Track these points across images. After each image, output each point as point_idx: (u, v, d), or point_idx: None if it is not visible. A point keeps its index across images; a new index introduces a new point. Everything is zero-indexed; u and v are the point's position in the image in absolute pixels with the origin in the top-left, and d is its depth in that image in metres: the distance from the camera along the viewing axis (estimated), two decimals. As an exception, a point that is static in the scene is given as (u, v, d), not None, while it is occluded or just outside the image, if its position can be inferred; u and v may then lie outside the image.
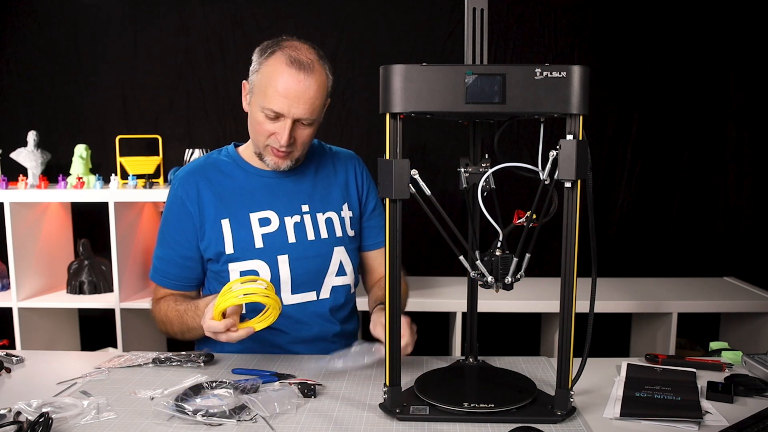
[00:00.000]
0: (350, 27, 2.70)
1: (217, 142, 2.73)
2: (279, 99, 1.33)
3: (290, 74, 1.33)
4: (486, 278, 1.10)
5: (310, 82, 1.34)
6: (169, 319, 1.46)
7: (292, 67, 1.33)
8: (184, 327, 1.43)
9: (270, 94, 1.34)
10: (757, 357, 1.30)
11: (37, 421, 0.98)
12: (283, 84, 1.33)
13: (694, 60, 2.68)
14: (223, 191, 1.47)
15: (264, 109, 1.36)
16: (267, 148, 1.43)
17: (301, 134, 1.40)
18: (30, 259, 2.46)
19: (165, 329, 1.50)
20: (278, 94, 1.33)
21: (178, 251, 1.48)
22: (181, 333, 1.46)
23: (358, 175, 1.60)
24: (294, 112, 1.35)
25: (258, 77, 1.38)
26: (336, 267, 1.51)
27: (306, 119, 1.37)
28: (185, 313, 1.41)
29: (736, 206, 2.74)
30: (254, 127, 1.42)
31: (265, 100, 1.35)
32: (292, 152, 1.43)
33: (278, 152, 1.41)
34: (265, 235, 1.46)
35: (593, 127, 2.65)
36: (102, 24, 2.74)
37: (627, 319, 2.63)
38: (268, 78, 1.35)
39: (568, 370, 1.05)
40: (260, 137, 1.41)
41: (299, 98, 1.34)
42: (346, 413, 1.10)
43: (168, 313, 1.46)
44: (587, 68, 0.99)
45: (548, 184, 1.02)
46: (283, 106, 1.34)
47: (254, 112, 1.40)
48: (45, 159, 2.62)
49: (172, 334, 1.50)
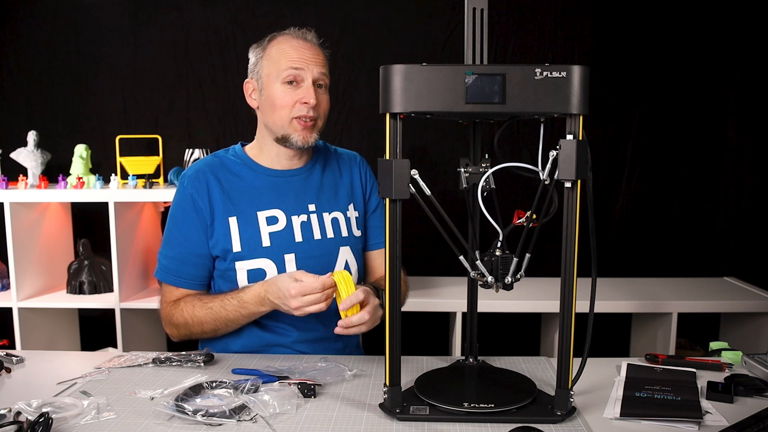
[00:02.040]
0: (350, 27, 2.70)
1: (217, 142, 2.74)
2: (296, 60, 1.42)
3: (298, 42, 1.44)
4: (486, 278, 1.10)
5: (317, 50, 1.46)
6: (197, 320, 1.43)
7: (298, 38, 1.45)
8: (220, 323, 1.42)
9: (284, 62, 1.42)
10: (757, 357, 1.30)
11: (37, 421, 0.98)
12: (295, 50, 1.42)
13: (694, 60, 2.68)
14: (232, 189, 1.47)
15: (283, 76, 1.41)
16: (293, 123, 1.44)
17: (321, 99, 1.45)
18: (30, 259, 2.46)
19: (189, 331, 1.46)
20: (293, 59, 1.42)
21: (191, 249, 1.46)
22: (214, 330, 1.44)
23: (362, 176, 1.61)
24: (313, 70, 1.42)
25: (265, 60, 1.45)
26: (341, 266, 1.52)
27: (322, 79, 1.44)
28: (222, 308, 1.40)
29: (736, 206, 2.74)
30: (275, 103, 1.43)
31: (281, 68, 1.42)
32: (316, 122, 1.46)
33: (306, 122, 1.43)
34: (273, 234, 1.46)
35: (593, 127, 2.65)
36: (102, 24, 2.74)
37: (627, 319, 2.63)
38: (279, 52, 1.43)
39: (568, 370, 1.05)
40: (284, 111, 1.43)
41: (314, 58, 1.43)
42: (346, 413, 1.10)
43: (196, 312, 1.43)
44: (587, 68, 0.99)
45: (548, 184, 1.02)
46: (301, 63, 1.41)
47: (272, 90, 1.43)
48: (45, 159, 2.62)
49: (198, 334, 1.47)
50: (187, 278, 1.48)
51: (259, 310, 1.38)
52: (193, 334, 1.47)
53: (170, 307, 1.47)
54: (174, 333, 1.49)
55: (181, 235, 1.47)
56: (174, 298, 1.48)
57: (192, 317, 1.43)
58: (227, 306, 1.40)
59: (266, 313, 1.40)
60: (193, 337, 1.49)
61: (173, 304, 1.47)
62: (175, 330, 1.48)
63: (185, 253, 1.47)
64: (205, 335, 1.47)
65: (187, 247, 1.47)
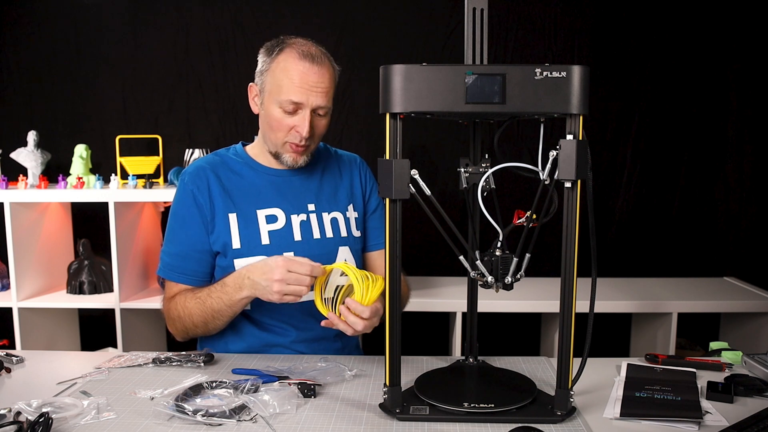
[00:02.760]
0: (350, 27, 2.70)
1: (217, 142, 2.74)
2: (296, 90, 1.37)
3: (304, 66, 1.37)
4: (486, 278, 1.10)
5: (323, 71, 1.39)
6: (188, 311, 1.41)
7: (305, 59, 1.38)
8: (207, 314, 1.39)
9: (286, 87, 1.37)
10: (757, 357, 1.30)
11: (37, 421, 0.98)
12: (299, 75, 1.37)
13: (694, 60, 2.68)
14: (232, 187, 1.48)
15: (282, 103, 1.38)
16: (285, 145, 1.44)
17: (318, 125, 1.43)
18: (30, 259, 2.46)
19: (183, 325, 1.44)
20: (295, 86, 1.37)
21: (192, 245, 1.46)
22: (204, 323, 1.41)
23: (362, 177, 1.62)
24: (312, 101, 1.38)
25: (269, 76, 1.41)
26: None
27: (323, 108, 1.41)
28: (208, 296, 1.38)
29: (736, 206, 2.74)
30: (271, 125, 1.42)
31: (281, 94, 1.38)
32: (309, 146, 1.45)
33: (297, 147, 1.43)
34: (272, 232, 1.46)
35: (593, 127, 2.65)
36: (102, 24, 2.74)
37: (627, 319, 2.63)
38: (282, 73, 1.38)
39: (568, 370, 1.05)
40: (279, 134, 1.42)
41: (316, 87, 1.38)
42: (346, 413, 1.10)
43: (187, 304, 1.41)
44: (587, 68, 0.99)
45: (548, 184, 1.02)
46: (301, 96, 1.37)
47: (270, 110, 1.41)
48: (45, 159, 2.62)
49: (191, 329, 1.44)
50: (189, 274, 1.47)
51: (238, 296, 1.34)
52: (187, 328, 1.44)
53: (169, 303, 1.47)
54: (173, 330, 1.49)
55: (182, 232, 1.47)
56: (172, 293, 1.48)
57: (184, 309, 1.42)
58: (213, 294, 1.38)
59: (246, 301, 1.36)
60: (189, 334, 1.46)
61: (169, 300, 1.47)
62: (172, 325, 1.47)
63: (186, 249, 1.47)
64: (197, 329, 1.44)
65: (189, 244, 1.47)
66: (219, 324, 1.42)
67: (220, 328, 1.44)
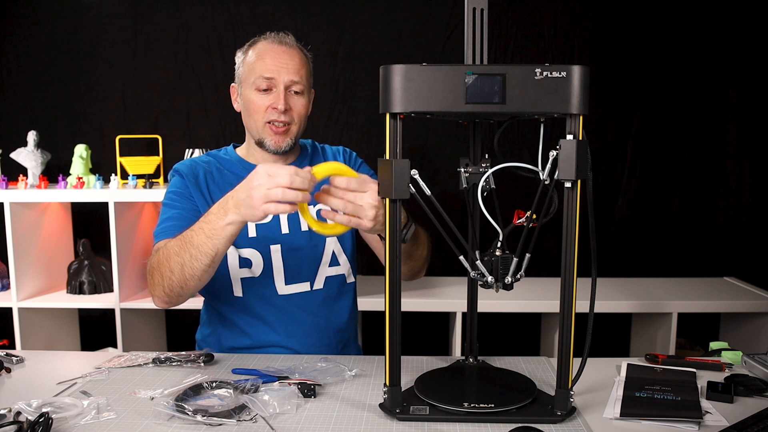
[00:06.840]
0: (350, 27, 2.70)
1: (217, 142, 2.74)
2: (268, 66, 1.44)
3: (273, 47, 1.47)
4: (486, 278, 1.10)
5: (293, 52, 1.48)
6: (167, 253, 1.29)
7: (274, 43, 1.48)
8: (185, 253, 1.25)
9: (258, 67, 1.45)
10: (757, 357, 1.30)
11: (37, 421, 0.98)
12: (270, 55, 1.45)
13: (694, 60, 2.68)
14: (223, 182, 1.49)
15: (256, 82, 1.44)
16: (266, 127, 1.47)
17: (295, 104, 1.47)
18: (30, 259, 2.46)
19: (160, 275, 1.30)
20: (266, 64, 1.44)
21: (190, 210, 1.43)
22: (180, 266, 1.26)
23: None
24: (284, 77, 1.44)
25: (244, 66, 1.49)
26: (329, 257, 1.53)
27: (297, 84, 1.46)
28: (190, 230, 1.26)
29: (736, 206, 2.74)
30: (250, 108, 1.47)
31: (254, 75, 1.45)
32: (290, 127, 1.48)
33: (278, 128, 1.46)
34: (259, 225, 1.48)
35: (593, 127, 2.65)
36: (102, 24, 2.74)
37: (627, 319, 2.63)
38: (254, 58, 1.47)
39: (568, 370, 1.05)
40: (257, 116, 1.46)
41: (286, 64, 1.45)
42: (346, 413, 1.10)
43: (168, 245, 1.30)
44: (587, 68, 0.98)
45: (548, 184, 1.02)
46: (273, 71, 1.44)
47: (247, 95, 1.47)
48: (45, 159, 2.62)
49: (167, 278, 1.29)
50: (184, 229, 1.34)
51: (222, 222, 1.20)
52: (164, 279, 1.30)
53: (152, 257, 1.36)
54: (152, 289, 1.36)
55: (178, 204, 1.45)
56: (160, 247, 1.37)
57: (164, 253, 1.30)
58: (194, 227, 1.26)
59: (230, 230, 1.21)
60: (166, 288, 1.31)
61: (157, 252, 1.35)
62: (151, 281, 1.34)
63: (184, 213, 1.42)
64: (173, 277, 1.28)
65: (187, 209, 1.44)
66: (197, 267, 1.25)
67: (198, 277, 1.27)
